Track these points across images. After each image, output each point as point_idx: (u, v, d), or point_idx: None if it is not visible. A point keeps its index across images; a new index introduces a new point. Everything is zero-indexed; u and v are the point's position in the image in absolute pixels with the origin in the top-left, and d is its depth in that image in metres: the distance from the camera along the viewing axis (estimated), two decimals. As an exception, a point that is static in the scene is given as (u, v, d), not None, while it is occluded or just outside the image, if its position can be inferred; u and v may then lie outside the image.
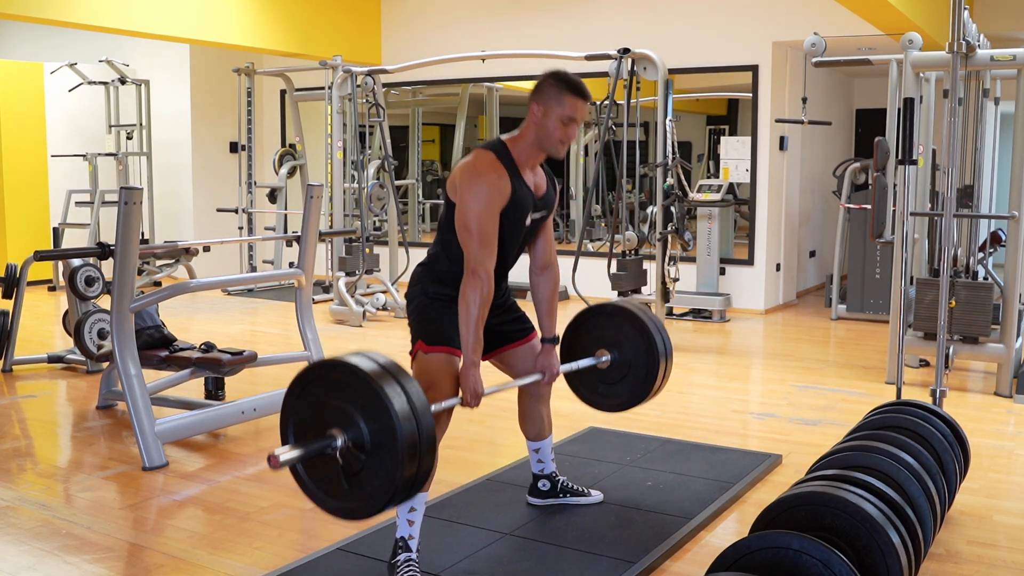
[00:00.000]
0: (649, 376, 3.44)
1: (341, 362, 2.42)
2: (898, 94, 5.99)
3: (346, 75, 8.03)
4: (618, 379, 3.49)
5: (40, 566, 3.06)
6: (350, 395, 2.38)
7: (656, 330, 3.42)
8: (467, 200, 2.81)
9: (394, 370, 2.39)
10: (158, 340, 4.88)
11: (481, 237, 2.79)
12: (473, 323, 2.79)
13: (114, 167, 10.04)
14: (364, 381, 2.35)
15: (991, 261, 7.35)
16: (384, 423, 2.32)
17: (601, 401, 3.57)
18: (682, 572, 3.02)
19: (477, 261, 2.79)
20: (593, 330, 3.50)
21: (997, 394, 5.42)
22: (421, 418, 2.35)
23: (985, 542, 3.29)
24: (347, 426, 2.37)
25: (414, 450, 2.32)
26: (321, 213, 5.93)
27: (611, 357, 3.45)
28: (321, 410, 2.43)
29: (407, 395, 2.35)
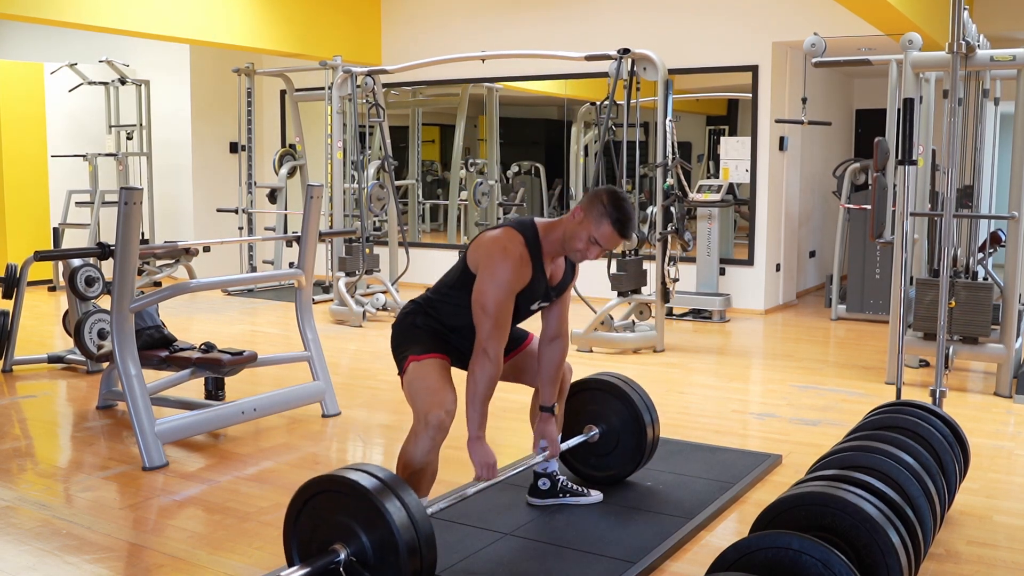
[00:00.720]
0: (639, 445, 3.60)
1: (339, 478, 2.54)
2: (898, 94, 5.99)
3: (346, 75, 8.03)
4: (609, 451, 3.65)
5: (40, 566, 3.06)
6: (350, 510, 2.51)
7: (640, 399, 3.60)
8: (488, 282, 2.85)
9: (392, 482, 2.52)
10: (158, 340, 4.88)
11: (496, 320, 2.84)
12: (479, 401, 2.87)
13: (114, 167, 10.05)
14: (363, 496, 2.47)
15: (991, 261, 7.35)
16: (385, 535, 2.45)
17: (594, 474, 3.70)
18: (682, 572, 3.02)
19: (489, 342, 2.85)
20: (579, 406, 3.65)
21: (997, 394, 5.43)
22: (420, 525, 2.48)
23: (985, 542, 3.29)
24: (349, 540, 2.50)
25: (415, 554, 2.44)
26: (321, 213, 5.93)
27: (599, 431, 3.62)
28: (323, 525, 2.56)
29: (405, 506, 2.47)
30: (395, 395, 5.34)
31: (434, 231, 11.38)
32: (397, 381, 3.19)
